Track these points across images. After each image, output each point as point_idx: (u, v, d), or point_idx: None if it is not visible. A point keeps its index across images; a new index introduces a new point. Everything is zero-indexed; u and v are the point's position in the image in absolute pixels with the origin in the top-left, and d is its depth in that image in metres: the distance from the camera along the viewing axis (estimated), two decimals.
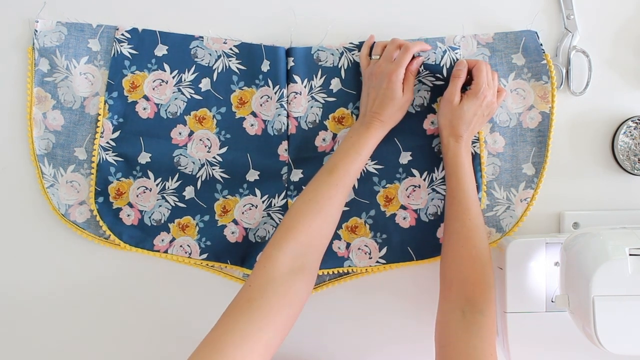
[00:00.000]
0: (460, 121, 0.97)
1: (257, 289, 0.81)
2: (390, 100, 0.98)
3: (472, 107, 0.97)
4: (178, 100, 1.05)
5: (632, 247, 0.81)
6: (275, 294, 0.80)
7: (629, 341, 0.81)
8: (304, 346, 1.07)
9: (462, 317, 0.87)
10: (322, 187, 0.93)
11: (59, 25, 1.04)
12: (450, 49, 1.03)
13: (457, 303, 0.89)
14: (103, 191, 1.04)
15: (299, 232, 0.88)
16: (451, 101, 0.98)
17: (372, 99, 0.99)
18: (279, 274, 0.83)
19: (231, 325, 0.77)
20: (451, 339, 0.86)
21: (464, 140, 0.99)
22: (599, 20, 1.05)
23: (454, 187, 0.97)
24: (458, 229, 0.94)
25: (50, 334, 1.07)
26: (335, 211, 0.94)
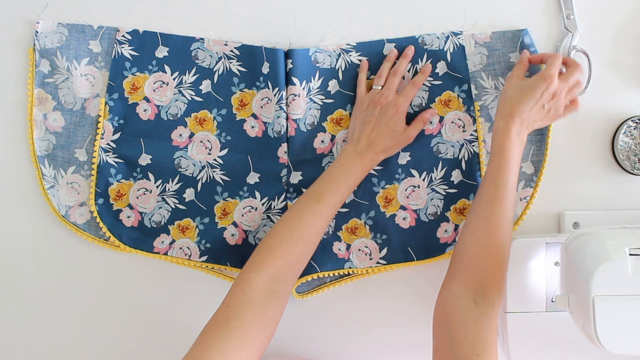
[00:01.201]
0: (518, 96, 0.95)
1: (235, 310, 0.83)
2: (391, 132, 0.99)
3: (534, 85, 0.94)
4: (179, 102, 1.05)
5: (632, 247, 0.81)
6: (252, 315, 0.83)
7: (629, 341, 0.81)
8: (305, 347, 1.06)
9: (475, 306, 0.85)
10: (306, 215, 0.94)
11: (60, 27, 1.04)
12: (453, 34, 1.03)
13: (470, 288, 0.87)
14: (103, 193, 1.04)
15: (278, 259, 0.89)
16: (514, 76, 0.98)
17: (369, 128, 0.99)
18: (255, 296, 0.85)
19: (211, 342, 0.79)
20: (461, 326, 0.84)
21: (516, 122, 0.94)
22: (599, 20, 1.05)
23: (495, 171, 0.93)
24: (489, 215, 0.91)
25: (49, 334, 1.07)
26: (316, 239, 0.95)
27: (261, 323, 0.82)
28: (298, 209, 0.95)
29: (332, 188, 0.96)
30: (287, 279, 0.89)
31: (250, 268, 0.88)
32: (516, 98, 0.95)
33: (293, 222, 0.93)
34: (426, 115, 1.02)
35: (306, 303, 1.06)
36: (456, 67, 1.04)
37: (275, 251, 0.90)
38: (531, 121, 0.96)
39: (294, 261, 0.91)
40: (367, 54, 1.05)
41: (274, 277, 0.87)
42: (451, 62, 1.04)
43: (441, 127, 1.04)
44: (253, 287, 0.85)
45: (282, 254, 0.89)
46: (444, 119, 1.04)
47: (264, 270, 0.87)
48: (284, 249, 0.90)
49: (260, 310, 0.83)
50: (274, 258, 0.89)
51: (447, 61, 1.04)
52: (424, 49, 1.04)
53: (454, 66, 1.04)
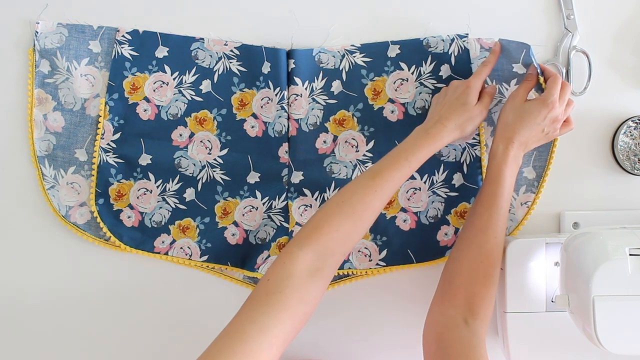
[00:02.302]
0: (519, 121, 0.95)
1: (276, 284, 0.80)
2: (462, 105, 0.96)
3: (535, 111, 0.94)
4: (179, 101, 1.05)
5: (632, 247, 0.81)
6: (293, 290, 0.79)
7: (629, 341, 0.81)
8: (303, 348, 1.06)
9: (465, 326, 0.87)
10: (359, 191, 0.89)
11: (60, 27, 1.04)
12: (458, 37, 1.03)
13: (460, 309, 0.89)
14: (103, 193, 1.04)
15: (324, 235, 0.84)
16: (517, 96, 0.97)
17: (440, 106, 0.98)
18: (297, 272, 0.81)
19: (251, 317, 0.77)
20: (453, 344, 0.85)
21: (514, 147, 0.95)
22: (599, 20, 1.05)
23: (489, 197, 0.94)
24: (482, 242, 0.92)
25: (50, 335, 1.07)
26: (369, 218, 0.89)
27: (301, 300, 0.80)
28: (353, 184, 0.90)
29: (391, 165, 0.91)
30: (332, 256, 0.85)
31: (294, 242, 0.84)
32: (517, 123, 0.95)
33: (344, 197, 0.88)
34: (490, 90, 1.00)
35: None
36: (460, 71, 1.04)
37: (322, 226, 0.85)
38: (529, 144, 0.97)
39: (342, 238, 0.86)
40: (371, 55, 1.05)
41: (319, 253, 0.83)
42: (455, 66, 1.04)
43: None
44: (295, 263, 0.82)
45: (329, 230, 0.85)
46: None
47: (308, 246, 0.83)
48: (331, 224, 0.85)
49: (301, 286, 0.80)
50: (320, 233, 0.85)
51: (451, 64, 1.04)
52: (428, 52, 1.04)
53: (458, 69, 1.04)
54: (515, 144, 0.95)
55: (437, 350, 0.87)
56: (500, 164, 0.94)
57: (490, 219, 0.93)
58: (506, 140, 0.95)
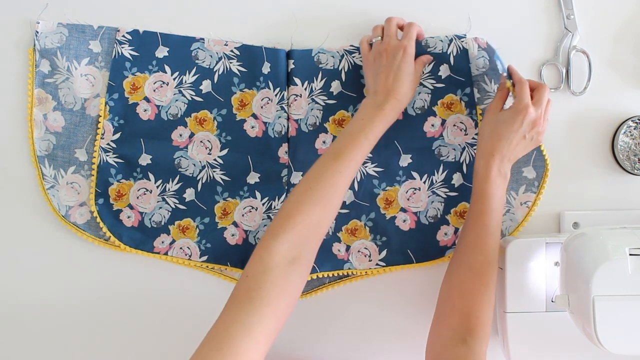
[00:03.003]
0: (496, 132, 0.94)
1: (254, 279, 0.80)
2: (407, 75, 0.96)
3: (510, 119, 0.93)
4: (179, 102, 1.05)
5: (632, 247, 0.81)
6: (272, 283, 0.80)
7: (629, 341, 0.81)
8: (303, 348, 1.06)
9: (464, 345, 0.87)
10: (325, 174, 0.89)
11: (60, 27, 1.04)
12: (457, 37, 1.03)
13: (458, 330, 0.88)
14: (103, 193, 1.04)
15: (297, 222, 0.85)
16: (492, 108, 0.97)
17: (384, 77, 0.96)
18: (275, 263, 0.81)
19: (233, 317, 0.77)
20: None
21: (496, 160, 0.94)
22: (599, 20, 1.05)
23: (475, 215, 0.94)
24: (471, 262, 0.92)
25: (49, 334, 1.07)
26: (337, 199, 0.90)
27: (281, 292, 0.80)
28: (316, 168, 0.91)
29: (351, 144, 0.92)
30: (308, 243, 0.85)
31: (268, 235, 0.84)
32: (494, 134, 0.94)
33: (311, 183, 0.89)
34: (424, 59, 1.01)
35: (305, 303, 1.06)
36: (459, 71, 1.04)
37: (293, 215, 0.85)
38: (513, 154, 0.95)
39: (314, 223, 0.86)
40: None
41: (294, 242, 0.83)
42: (454, 65, 1.04)
43: (443, 130, 1.04)
44: (272, 254, 0.82)
45: (301, 218, 0.85)
46: (446, 122, 1.04)
47: (283, 236, 0.83)
48: (302, 212, 0.86)
49: (280, 277, 0.81)
50: (293, 222, 0.85)
51: (450, 64, 1.03)
52: (427, 52, 1.04)
53: (456, 69, 1.04)
54: (496, 157, 0.94)
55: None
56: (483, 180, 0.94)
57: (478, 237, 0.92)
58: (487, 155, 0.94)
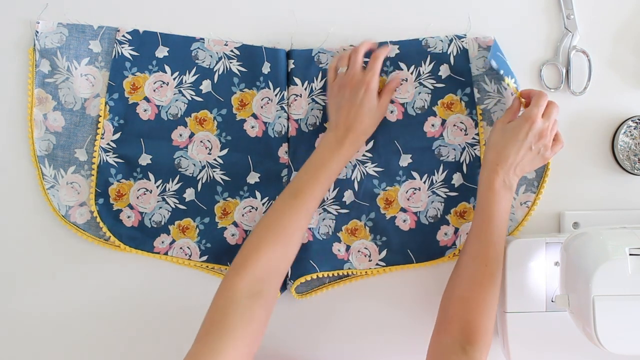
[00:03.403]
0: (502, 141, 0.94)
1: (219, 312, 0.83)
2: (368, 111, 0.98)
3: (517, 127, 0.93)
4: (179, 102, 1.05)
5: (632, 247, 0.81)
6: (236, 315, 0.82)
7: (629, 341, 0.81)
8: (303, 348, 1.06)
9: (463, 354, 0.87)
10: (284, 213, 0.93)
11: (60, 27, 1.04)
12: (457, 37, 1.03)
13: (457, 339, 0.88)
14: (103, 192, 1.04)
15: (257, 260, 0.88)
16: (501, 119, 0.98)
17: (345, 111, 0.98)
18: (238, 297, 0.84)
19: (201, 347, 0.80)
20: None
21: (500, 171, 0.93)
22: (599, 20, 1.05)
23: (479, 225, 0.94)
24: (472, 272, 0.92)
25: (49, 334, 1.07)
26: (297, 235, 0.94)
27: (247, 322, 0.82)
28: (276, 206, 0.94)
29: (310, 181, 0.95)
30: (269, 279, 0.88)
31: (231, 272, 0.88)
32: (499, 143, 0.95)
33: (271, 220, 0.92)
34: (393, 84, 1.02)
35: (305, 303, 1.06)
36: (459, 71, 1.04)
37: (253, 253, 0.89)
38: (520, 166, 0.94)
39: (276, 260, 0.90)
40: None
41: (256, 277, 0.86)
42: (454, 65, 1.04)
43: (443, 130, 1.04)
44: (234, 290, 0.85)
45: (261, 255, 0.88)
46: (446, 122, 1.04)
47: (244, 273, 0.86)
48: (263, 249, 0.89)
49: (244, 309, 0.83)
50: (253, 260, 0.88)
51: (450, 64, 1.04)
52: (427, 52, 1.04)
53: (457, 69, 1.04)
54: (501, 167, 0.93)
55: None
56: (487, 190, 0.94)
57: (481, 248, 0.92)
58: (491, 164, 0.94)
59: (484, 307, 0.90)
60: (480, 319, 0.89)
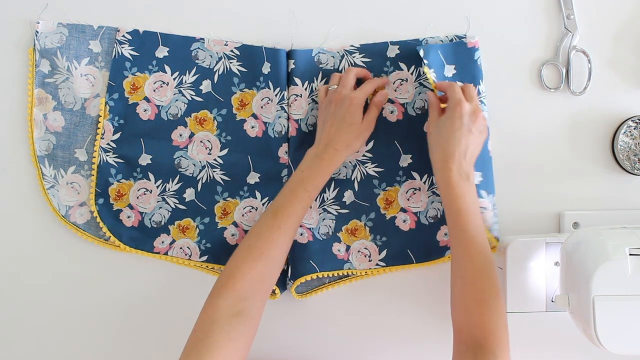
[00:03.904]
0: (440, 137, 0.94)
1: (202, 331, 0.84)
2: (349, 126, 0.98)
3: (448, 119, 0.93)
4: (179, 102, 1.05)
5: (632, 247, 0.81)
6: (219, 334, 0.83)
7: (629, 341, 0.81)
8: (303, 348, 1.06)
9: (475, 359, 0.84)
10: (264, 231, 0.93)
11: (60, 27, 1.04)
12: (457, 37, 1.04)
13: (468, 346, 0.86)
14: (103, 192, 1.04)
15: (238, 280, 0.88)
16: (431, 122, 0.98)
17: (328, 126, 0.98)
18: (220, 316, 0.84)
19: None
20: None
21: (451, 166, 0.92)
22: (599, 20, 1.05)
23: (452, 225, 0.92)
24: (462, 273, 0.90)
25: (48, 334, 1.07)
26: (279, 253, 0.94)
27: (229, 340, 0.82)
28: (257, 226, 0.94)
29: (289, 199, 0.95)
30: (252, 297, 0.88)
31: (213, 292, 0.89)
32: (440, 140, 0.94)
33: (251, 240, 0.93)
34: (378, 99, 1.02)
35: (305, 303, 1.06)
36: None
37: (234, 273, 0.89)
38: (469, 152, 0.94)
39: (256, 279, 0.90)
40: (370, 55, 1.05)
41: (238, 297, 0.87)
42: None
43: None
44: (216, 310, 0.85)
45: (241, 275, 0.89)
46: None
47: (225, 293, 0.87)
48: (243, 269, 0.89)
49: (228, 327, 0.83)
50: (234, 280, 0.88)
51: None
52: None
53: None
54: (451, 162, 0.92)
55: None
56: (447, 188, 0.92)
57: (460, 245, 0.91)
58: (441, 164, 0.94)
59: (484, 305, 0.87)
60: (485, 320, 0.86)
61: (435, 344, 1.05)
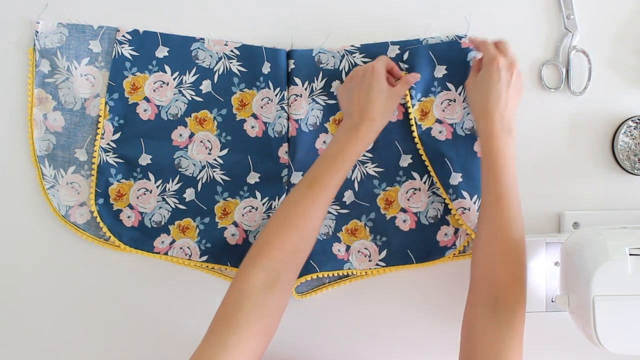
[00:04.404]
0: (483, 93, 0.95)
1: (232, 304, 0.82)
2: (379, 94, 0.97)
3: (486, 73, 0.95)
4: (179, 102, 1.05)
5: (632, 247, 0.81)
6: (249, 307, 0.81)
7: (629, 341, 0.81)
8: (303, 348, 1.06)
9: (492, 314, 0.83)
10: (300, 201, 0.91)
11: (60, 27, 1.04)
12: (458, 37, 1.04)
13: (486, 298, 0.85)
14: (103, 192, 1.04)
15: (273, 249, 0.87)
16: (469, 79, 0.99)
17: (356, 97, 0.97)
18: (251, 289, 0.83)
19: (214, 340, 0.79)
20: (478, 336, 0.83)
21: (494, 116, 0.93)
22: (599, 20, 1.05)
23: (487, 174, 0.92)
24: (491, 220, 0.89)
25: (49, 334, 1.07)
26: (314, 225, 0.92)
27: (261, 315, 0.81)
28: (292, 197, 0.93)
29: (326, 170, 0.93)
30: (285, 269, 0.87)
31: (246, 263, 0.87)
32: (480, 95, 0.95)
33: (287, 210, 0.91)
34: (411, 77, 1.02)
35: (305, 303, 1.06)
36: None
37: (268, 242, 0.88)
38: (509, 104, 0.95)
39: (291, 250, 0.88)
40: (371, 55, 1.05)
41: (271, 268, 0.85)
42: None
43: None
44: (249, 281, 0.84)
45: (277, 244, 0.87)
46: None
47: (260, 263, 0.85)
48: (277, 239, 0.88)
49: (259, 302, 0.82)
50: (268, 250, 0.87)
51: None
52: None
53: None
54: (496, 112, 0.93)
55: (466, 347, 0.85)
56: (488, 135, 0.93)
57: (493, 193, 0.90)
58: (483, 115, 0.94)
59: (510, 256, 0.87)
60: (508, 274, 0.86)
61: (435, 345, 1.05)
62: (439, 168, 1.03)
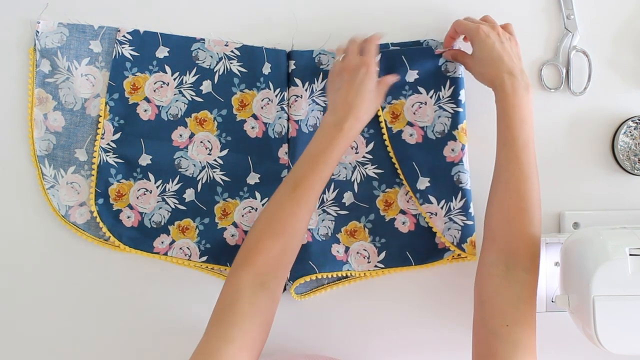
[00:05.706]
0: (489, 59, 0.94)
1: (229, 300, 0.83)
2: (369, 92, 0.95)
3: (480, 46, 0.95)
4: (179, 102, 1.05)
5: (632, 247, 0.81)
6: (244, 302, 0.82)
7: (629, 341, 0.80)
8: (302, 348, 1.06)
9: (506, 273, 0.84)
10: (284, 205, 0.90)
11: (61, 27, 1.05)
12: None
13: (500, 256, 0.85)
14: (103, 193, 1.04)
15: (260, 254, 0.87)
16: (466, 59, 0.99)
17: (345, 92, 0.95)
18: (243, 287, 0.84)
19: (215, 333, 0.80)
20: (492, 295, 0.83)
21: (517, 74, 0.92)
22: (599, 20, 1.05)
23: (503, 131, 0.91)
24: (507, 178, 0.88)
25: (49, 334, 1.07)
26: (300, 227, 0.91)
27: (254, 311, 0.82)
28: (276, 198, 0.91)
29: (309, 171, 0.91)
30: (274, 270, 0.87)
31: (235, 264, 0.87)
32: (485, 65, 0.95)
33: (271, 214, 0.90)
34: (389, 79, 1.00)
35: (305, 304, 1.06)
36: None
37: (255, 247, 0.88)
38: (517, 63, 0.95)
39: (278, 252, 0.88)
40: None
41: (260, 271, 0.86)
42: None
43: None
44: (240, 280, 0.84)
45: (262, 249, 0.87)
46: None
47: (248, 266, 0.86)
48: (263, 244, 0.88)
49: (251, 299, 0.83)
50: (255, 254, 0.87)
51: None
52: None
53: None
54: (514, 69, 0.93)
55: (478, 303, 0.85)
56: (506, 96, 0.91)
57: (510, 152, 0.89)
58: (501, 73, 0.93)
59: (526, 214, 0.86)
60: (523, 227, 0.86)
61: (435, 345, 1.05)
62: (408, 172, 1.03)
